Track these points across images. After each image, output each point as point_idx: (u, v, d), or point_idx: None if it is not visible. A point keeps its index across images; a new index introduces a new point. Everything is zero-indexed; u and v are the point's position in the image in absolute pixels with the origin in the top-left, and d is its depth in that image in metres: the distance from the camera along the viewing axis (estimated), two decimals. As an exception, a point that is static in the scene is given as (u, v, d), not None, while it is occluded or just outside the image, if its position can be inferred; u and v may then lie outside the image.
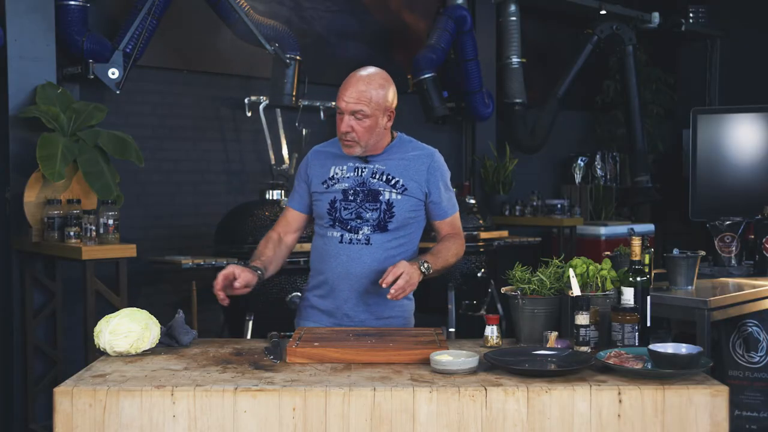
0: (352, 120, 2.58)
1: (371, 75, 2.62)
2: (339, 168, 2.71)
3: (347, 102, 2.57)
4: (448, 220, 2.78)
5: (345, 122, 2.58)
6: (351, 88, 2.58)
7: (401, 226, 2.67)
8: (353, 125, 2.58)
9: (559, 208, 6.69)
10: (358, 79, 2.59)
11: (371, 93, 2.57)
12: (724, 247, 4.18)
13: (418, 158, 2.71)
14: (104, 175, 4.01)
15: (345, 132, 2.59)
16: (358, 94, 2.57)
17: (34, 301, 4.17)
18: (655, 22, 7.87)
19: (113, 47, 4.48)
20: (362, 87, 2.57)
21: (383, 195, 2.65)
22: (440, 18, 6.12)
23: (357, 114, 2.57)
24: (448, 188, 2.78)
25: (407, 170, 2.68)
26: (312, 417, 1.94)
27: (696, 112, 5.69)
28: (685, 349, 2.10)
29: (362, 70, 2.63)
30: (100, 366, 2.17)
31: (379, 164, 2.68)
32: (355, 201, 2.66)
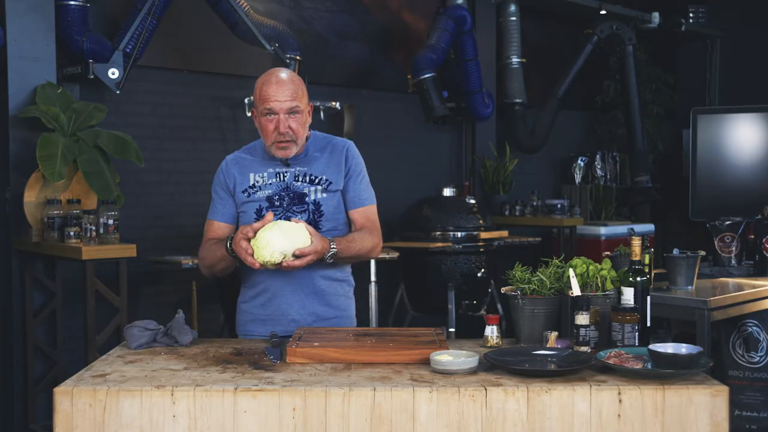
0: (289, 119, 2.52)
1: (290, 73, 2.58)
2: (259, 175, 2.63)
3: (281, 101, 2.50)
4: (361, 210, 2.68)
5: (282, 123, 2.51)
6: (280, 87, 2.51)
7: (332, 222, 2.63)
8: (290, 124, 2.53)
9: (559, 208, 6.69)
10: (280, 78, 2.53)
11: (299, 88, 2.55)
12: (724, 247, 4.18)
13: (332, 151, 2.66)
14: (104, 175, 4.01)
15: (284, 132, 2.52)
16: (290, 91, 2.51)
17: (34, 301, 4.17)
18: (655, 22, 7.87)
19: (113, 47, 4.48)
20: (290, 84, 2.52)
21: (309, 196, 2.60)
22: (440, 18, 6.12)
23: (293, 110, 2.52)
24: (361, 179, 2.69)
25: (328, 166, 2.64)
26: (312, 417, 1.94)
27: (696, 112, 5.70)
28: (685, 349, 2.10)
29: (278, 71, 2.57)
30: (100, 366, 2.17)
31: (299, 166, 2.63)
32: (282, 206, 2.60)
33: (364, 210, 2.69)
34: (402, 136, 6.42)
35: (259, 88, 2.54)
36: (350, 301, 2.77)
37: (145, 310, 4.76)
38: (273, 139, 2.54)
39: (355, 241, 2.60)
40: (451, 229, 5.46)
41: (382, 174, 6.23)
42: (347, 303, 2.75)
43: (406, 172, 6.37)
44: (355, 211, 2.68)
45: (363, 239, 2.63)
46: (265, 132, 2.56)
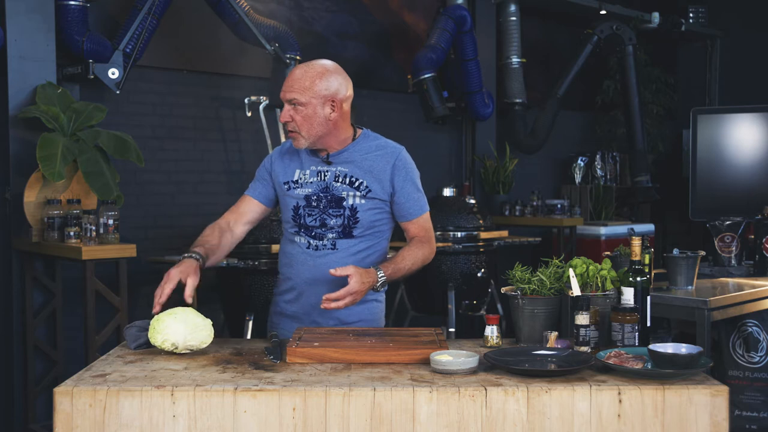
0: (291, 110, 2.55)
1: (312, 64, 2.57)
2: (303, 172, 2.66)
3: (284, 91, 2.55)
4: (416, 221, 2.68)
5: (285, 112, 2.56)
6: (289, 78, 2.55)
7: (367, 230, 2.62)
8: (291, 114, 2.54)
9: (559, 208, 6.69)
10: (296, 69, 2.57)
11: (306, 81, 2.53)
12: (724, 247, 4.18)
13: (382, 156, 2.64)
14: (104, 175, 4.00)
15: (285, 122, 2.56)
16: (292, 82, 2.54)
17: (34, 301, 4.16)
18: (655, 22, 7.87)
19: (113, 47, 4.48)
20: (298, 76, 2.54)
21: (347, 200, 2.59)
22: (440, 18, 6.12)
23: (293, 102, 2.54)
24: (415, 187, 2.68)
25: (372, 170, 2.62)
26: (312, 417, 1.94)
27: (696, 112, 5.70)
28: (685, 349, 2.10)
29: (305, 63, 2.60)
30: (100, 366, 2.17)
31: (341, 166, 2.62)
32: (319, 207, 2.61)
33: (418, 220, 2.68)
34: (402, 136, 6.34)
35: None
36: (379, 304, 2.74)
37: (145, 310, 4.75)
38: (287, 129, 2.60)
39: (406, 259, 2.61)
40: (451, 229, 5.46)
41: (382, 174, 6.24)
42: (375, 307, 2.72)
43: (406, 172, 6.36)
44: (408, 222, 2.67)
45: (415, 254, 2.63)
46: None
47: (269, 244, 4.46)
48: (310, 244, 2.63)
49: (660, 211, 8.22)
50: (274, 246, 4.45)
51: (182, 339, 2.26)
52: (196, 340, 2.28)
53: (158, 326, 2.27)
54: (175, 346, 2.26)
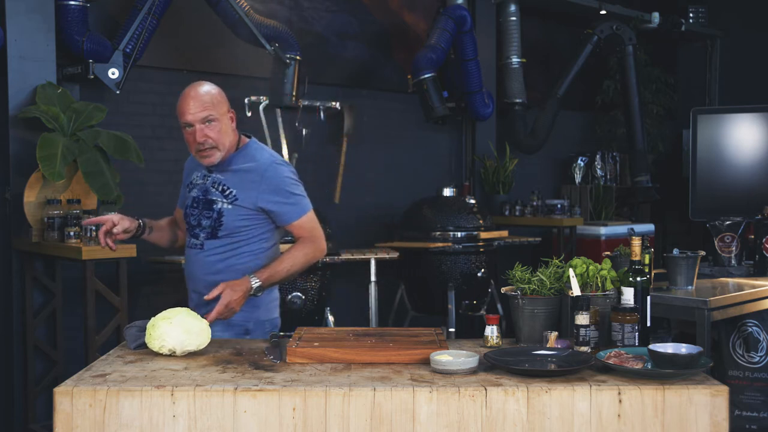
0: (205, 128, 2.70)
1: (200, 83, 2.76)
2: (196, 174, 2.88)
3: (194, 113, 2.68)
4: (295, 224, 2.82)
5: (199, 132, 2.69)
6: (190, 101, 2.69)
7: (232, 233, 2.77)
8: (207, 132, 2.70)
9: (559, 208, 6.69)
10: (190, 92, 2.72)
11: (213, 98, 2.73)
12: (724, 247, 4.18)
13: (250, 170, 2.80)
14: (104, 175, 4.01)
15: (202, 142, 2.70)
16: (200, 102, 2.70)
17: (34, 301, 4.16)
18: (655, 22, 7.87)
19: (113, 47, 4.48)
20: (202, 95, 2.71)
21: (216, 204, 2.77)
22: (440, 18, 6.12)
23: (207, 119, 2.70)
24: (286, 195, 2.81)
25: (241, 182, 2.78)
26: (312, 417, 1.94)
27: (696, 112, 5.70)
28: (685, 349, 2.10)
29: (194, 86, 2.76)
30: (100, 366, 2.17)
31: (219, 174, 2.80)
32: (198, 208, 2.82)
33: (297, 223, 2.83)
34: (402, 136, 6.42)
35: (178, 106, 2.73)
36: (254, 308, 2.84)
37: (145, 310, 4.76)
38: (195, 149, 2.74)
39: (284, 262, 2.77)
40: (451, 229, 5.46)
41: (381, 174, 6.24)
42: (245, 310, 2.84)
43: (406, 172, 6.37)
44: (289, 226, 2.84)
45: (294, 256, 2.79)
46: (188, 144, 2.76)
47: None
48: (190, 242, 2.86)
49: (660, 211, 8.21)
50: (274, 246, 4.44)
51: (179, 344, 2.26)
52: (193, 344, 2.29)
53: (154, 332, 2.28)
54: (172, 351, 2.27)
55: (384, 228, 6.06)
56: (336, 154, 5.80)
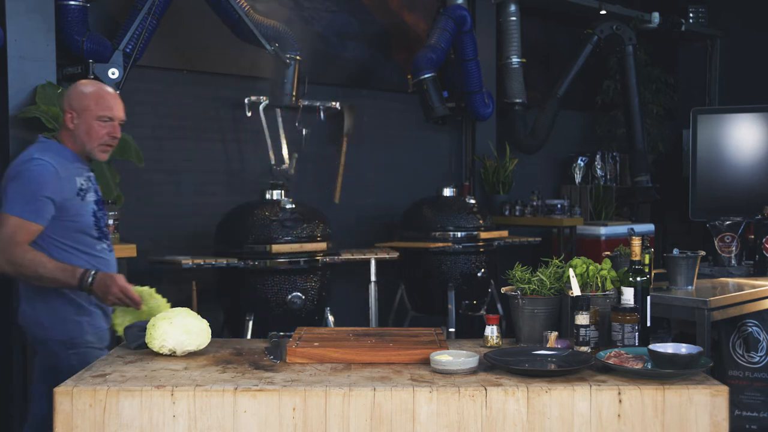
0: (119, 127, 2.83)
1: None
2: (79, 178, 2.77)
3: (120, 111, 2.83)
4: None
5: (117, 129, 2.82)
6: (115, 99, 2.83)
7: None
8: (119, 132, 2.84)
9: (559, 208, 6.69)
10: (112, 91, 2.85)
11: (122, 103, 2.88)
12: (724, 247, 4.18)
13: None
14: (104, 175, 4.00)
15: (115, 138, 2.82)
16: (120, 105, 2.85)
17: (34, 301, 4.15)
18: (655, 22, 7.87)
19: (113, 47, 4.47)
20: (119, 98, 2.86)
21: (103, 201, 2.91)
22: (440, 18, 6.12)
23: (121, 122, 2.84)
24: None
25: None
26: (312, 417, 1.94)
27: (696, 112, 5.70)
28: (685, 349, 2.10)
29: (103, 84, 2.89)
30: (100, 366, 2.17)
31: (91, 173, 2.88)
32: (102, 210, 2.85)
33: None
34: (402, 136, 6.42)
35: (97, 96, 2.79)
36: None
37: (145, 310, 4.75)
38: (103, 142, 2.79)
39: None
40: (451, 229, 5.45)
41: (381, 174, 6.24)
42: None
43: (406, 172, 6.37)
44: None
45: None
46: (96, 134, 2.77)
47: (269, 244, 4.46)
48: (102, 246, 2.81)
49: (660, 211, 8.21)
50: (275, 246, 4.44)
51: (179, 344, 2.27)
52: (193, 344, 2.29)
53: (155, 332, 2.28)
54: (172, 351, 2.27)
55: (384, 228, 6.06)
56: (336, 154, 5.80)
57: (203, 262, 4.42)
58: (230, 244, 4.58)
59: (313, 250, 4.58)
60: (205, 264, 4.42)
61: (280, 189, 4.85)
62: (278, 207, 4.62)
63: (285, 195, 4.80)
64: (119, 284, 2.56)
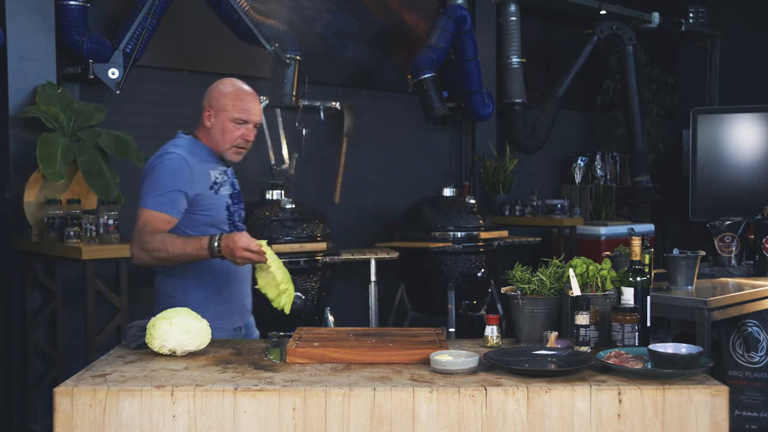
0: (254, 131, 2.80)
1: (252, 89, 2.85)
2: (217, 172, 2.81)
3: (257, 114, 2.79)
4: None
5: (251, 133, 2.78)
6: (254, 102, 2.79)
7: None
8: (253, 136, 2.81)
9: (559, 208, 6.69)
10: (252, 93, 2.80)
11: (260, 106, 2.85)
12: (724, 247, 4.18)
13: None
14: (104, 175, 4.01)
15: (248, 141, 2.78)
16: (260, 107, 2.82)
17: (34, 301, 4.16)
18: (655, 22, 7.87)
19: (113, 47, 4.48)
20: (258, 101, 2.82)
21: (241, 194, 2.94)
22: (440, 18, 6.12)
23: (256, 125, 2.80)
24: None
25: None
26: (312, 417, 1.94)
27: (696, 112, 5.70)
28: (685, 349, 2.10)
29: (243, 83, 2.83)
30: (100, 366, 2.17)
31: (229, 168, 2.89)
32: (238, 204, 2.88)
33: None
34: (402, 136, 6.42)
35: (235, 97, 2.77)
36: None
37: (145, 310, 4.75)
38: (236, 144, 2.77)
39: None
40: (451, 229, 5.45)
41: (381, 174, 6.24)
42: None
43: (406, 172, 6.37)
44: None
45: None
46: (229, 136, 2.76)
47: (269, 244, 4.44)
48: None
49: (660, 211, 8.21)
50: (274, 246, 4.41)
51: (179, 344, 2.27)
52: (193, 344, 2.29)
53: (155, 332, 2.28)
54: (172, 352, 2.27)
55: (384, 228, 6.06)
56: (336, 154, 5.80)
57: (203, 262, 4.41)
58: (230, 244, 4.57)
59: (313, 250, 4.58)
60: (205, 264, 4.41)
61: (280, 189, 4.85)
62: (278, 207, 4.62)
63: (285, 195, 4.80)
64: (240, 244, 2.53)
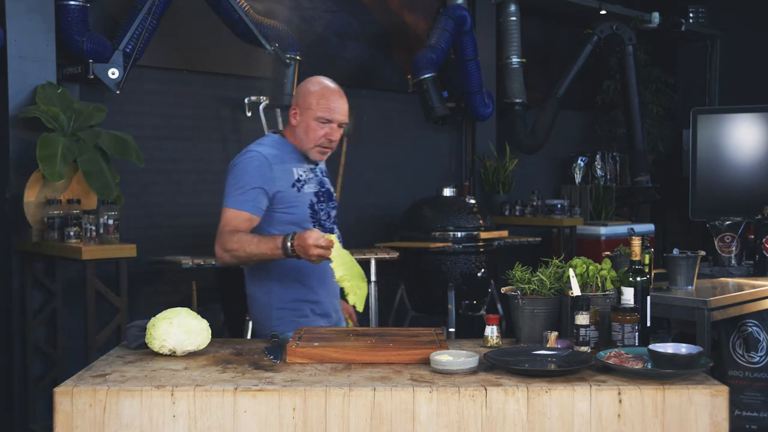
0: (339, 131, 2.75)
1: (335, 85, 2.79)
2: (298, 170, 2.76)
3: (342, 114, 2.73)
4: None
5: (335, 133, 2.73)
6: (340, 100, 2.74)
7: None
8: (338, 135, 2.75)
9: (559, 208, 6.69)
10: (337, 91, 2.75)
11: (346, 104, 2.78)
12: (724, 247, 4.18)
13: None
14: (104, 175, 4.01)
15: (333, 141, 2.73)
16: (345, 106, 2.75)
17: (34, 301, 4.17)
18: (655, 22, 7.87)
19: (113, 47, 4.48)
20: (340, 98, 2.75)
21: (333, 194, 2.90)
22: (440, 18, 6.12)
23: (341, 125, 2.75)
24: None
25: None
26: (312, 417, 1.94)
27: (696, 112, 5.70)
28: (685, 349, 2.10)
29: (327, 80, 2.78)
30: (100, 366, 2.17)
31: (319, 165, 2.86)
32: (324, 202, 2.81)
33: None
34: (402, 136, 6.42)
35: (320, 95, 2.71)
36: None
37: (145, 310, 4.76)
38: (319, 143, 2.72)
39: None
40: (451, 229, 5.45)
41: (381, 174, 6.24)
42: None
43: (406, 172, 6.37)
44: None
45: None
46: (313, 135, 2.71)
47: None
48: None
49: (660, 211, 8.21)
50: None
51: (179, 344, 2.27)
52: (193, 344, 2.29)
53: (155, 332, 2.28)
54: (172, 351, 2.27)
55: (384, 228, 6.06)
56: (336, 154, 5.80)
57: (203, 262, 4.42)
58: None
59: (313, 250, 4.57)
60: (205, 264, 4.42)
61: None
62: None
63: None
64: (310, 241, 2.50)
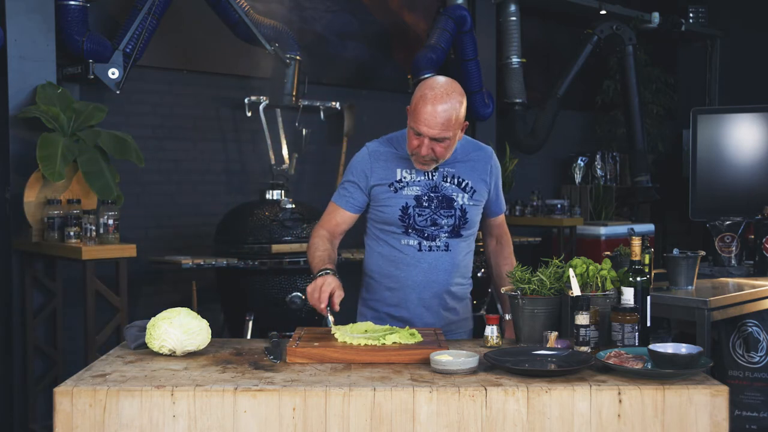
0: (435, 144, 2.49)
1: (448, 93, 2.46)
2: (406, 171, 2.63)
3: (431, 128, 2.44)
4: (501, 216, 2.85)
5: (426, 146, 2.48)
6: (431, 115, 2.43)
7: (470, 230, 2.71)
8: (434, 148, 2.50)
9: (559, 208, 6.69)
10: (437, 104, 2.43)
11: (452, 118, 2.45)
12: (724, 247, 4.18)
13: (481, 158, 2.72)
14: (104, 175, 4.01)
15: (425, 155, 2.50)
16: (442, 121, 2.44)
17: (34, 301, 4.16)
18: (655, 22, 7.87)
19: (113, 47, 4.48)
20: (444, 113, 2.43)
21: (457, 201, 2.64)
22: (440, 18, 6.12)
23: (440, 139, 2.48)
24: (501, 186, 2.84)
25: (474, 172, 2.68)
26: (312, 417, 1.94)
27: (696, 112, 5.69)
28: (685, 349, 2.10)
29: (437, 87, 2.46)
30: (100, 366, 2.17)
31: (447, 167, 2.63)
32: (430, 207, 2.62)
33: (501, 218, 2.85)
34: (402, 136, 6.41)
35: (417, 101, 2.47)
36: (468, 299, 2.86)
37: (145, 310, 4.76)
38: (413, 153, 2.55)
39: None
40: (451, 229, 5.45)
41: (382, 174, 6.23)
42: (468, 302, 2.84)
43: (406, 172, 6.37)
44: (495, 219, 2.83)
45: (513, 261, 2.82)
46: (408, 143, 2.55)
47: (269, 244, 4.46)
48: (422, 246, 2.64)
49: (660, 211, 8.22)
50: (275, 246, 4.45)
51: (179, 344, 2.26)
52: (193, 344, 2.29)
53: (155, 332, 2.28)
54: (172, 351, 2.27)
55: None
56: (336, 154, 5.80)
57: (203, 262, 4.42)
58: (230, 244, 4.58)
59: (313, 250, 4.57)
60: (205, 264, 4.42)
61: (280, 189, 4.85)
62: (278, 207, 4.62)
63: (285, 195, 4.80)
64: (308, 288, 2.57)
